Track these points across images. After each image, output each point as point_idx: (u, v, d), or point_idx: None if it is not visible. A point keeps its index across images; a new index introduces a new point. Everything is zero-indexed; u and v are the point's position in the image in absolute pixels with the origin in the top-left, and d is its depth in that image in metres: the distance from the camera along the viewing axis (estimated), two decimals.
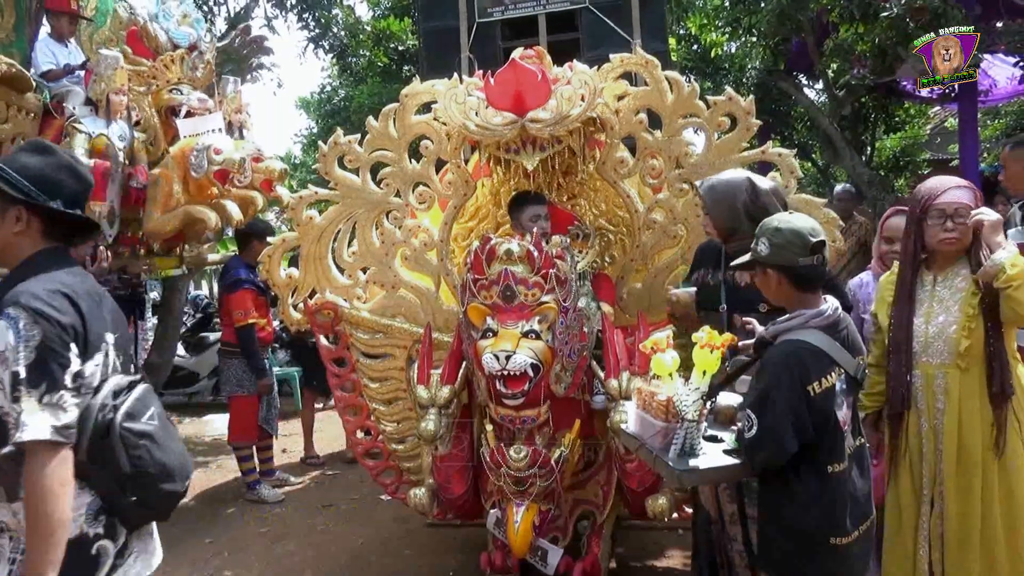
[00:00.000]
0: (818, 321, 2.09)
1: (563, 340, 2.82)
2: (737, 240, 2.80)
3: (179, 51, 5.00)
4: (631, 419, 2.32)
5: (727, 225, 2.78)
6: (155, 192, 4.68)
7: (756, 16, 9.52)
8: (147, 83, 4.83)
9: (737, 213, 2.72)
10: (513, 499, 2.90)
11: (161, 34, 5.02)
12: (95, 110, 4.50)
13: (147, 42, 4.97)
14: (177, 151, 4.75)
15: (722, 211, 2.77)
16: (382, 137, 3.59)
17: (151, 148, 4.88)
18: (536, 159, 3.14)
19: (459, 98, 3.22)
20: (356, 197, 3.65)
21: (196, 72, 5.03)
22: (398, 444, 3.70)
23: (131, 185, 4.60)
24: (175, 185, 4.67)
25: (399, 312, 3.69)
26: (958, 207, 2.50)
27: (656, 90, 3.38)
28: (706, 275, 2.94)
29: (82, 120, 4.40)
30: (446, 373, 3.08)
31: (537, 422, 2.86)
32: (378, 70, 12.49)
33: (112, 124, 4.49)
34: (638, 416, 2.28)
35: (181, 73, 4.98)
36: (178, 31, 5.10)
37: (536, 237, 2.86)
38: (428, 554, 4.04)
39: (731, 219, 2.75)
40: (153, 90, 4.88)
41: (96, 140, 4.38)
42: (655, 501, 3.00)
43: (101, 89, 4.44)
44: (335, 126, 4.04)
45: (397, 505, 3.99)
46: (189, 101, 4.92)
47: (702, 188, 2.84)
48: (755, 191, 2.73)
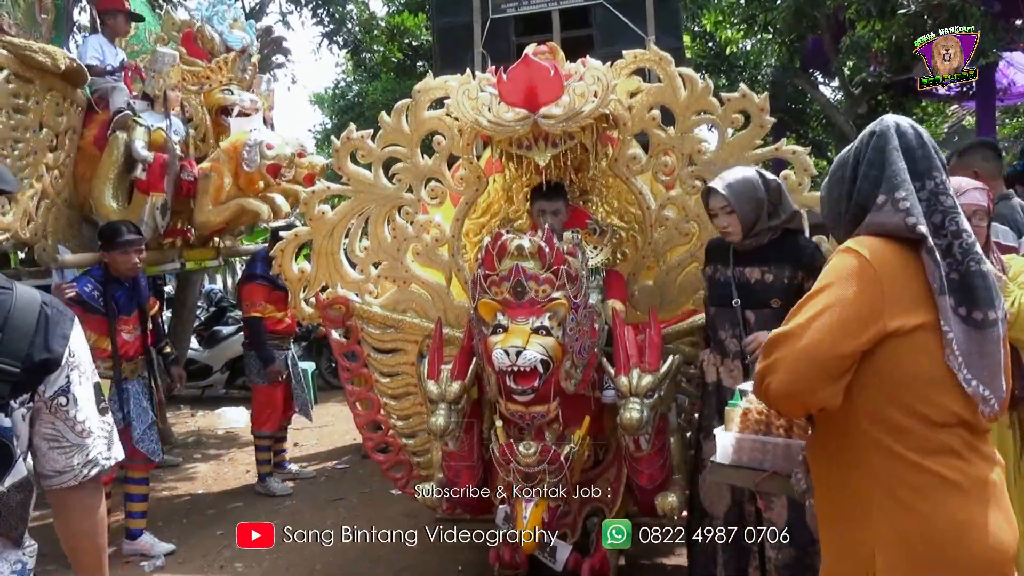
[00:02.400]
0: None
1: (573, 336, 2.81)
2: (753, 236, 2.83)
3: (232, 54, 5.12)
4: (729, 451, 1.90)
5: (750, 222, 2.82)
6: (207, 185, 4.79)
7: (772, 13, 9.46)
8: (201, 83, 4.97)
9: (761, 206, 2.81)
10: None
11: (216, 37, 5.17)
12: (151, 105, 4.65)
13: (202, 44, 5.11)
14: (228, 146, 4.87)
15: (750, 208, 2.81)
16: (395, 133, 3.60)
17: (200, 144, 5.03)
18: (548, 155, 3.13)
19: (471, 94, 3.22)
20: (368, 192, 3.66)
21: (244, 74, 5.20)
22: (408, 439, 3.71)
23: (183, 177, 4.72)
24: (226, 179, 4.79)
25: (410, 307, 3.70)
26: (976, 209, 2.49)
27: (669, 87, 3.37)
28: (715, 272, 2.97)
29: (141, 114, 4.54)
30: (456, 368, 3.08)
31: (547, 418, 2.86)
32: (392, 66, 12.51)
33: (168, 119, 4.64)
34: (750, 444, 1.88)
35: (232, 74, 5.13)
36: (231, 35, 5.28)
37: (547, 233, 2.86)
38: (437, 549, 4.04)
39: (755, 214, 2.81)
40: (205, 90, 5.01)
41: (155, 134, 4.52)
42: (665, 499, 3.00)
43: (160, 85, 4.60)
44: (349, 122, 4.06)
45: (407, 499, 4.00)
46: (242, 101, 5.07)
47: (722, 189, 2.82)
48: (767, 182, 2.85)
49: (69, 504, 1.47)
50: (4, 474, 1.33)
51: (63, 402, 1.41)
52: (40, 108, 4.00)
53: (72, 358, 1.43)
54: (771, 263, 2.85)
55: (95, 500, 1.49)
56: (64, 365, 1.41)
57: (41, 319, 1.39)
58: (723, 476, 1.97)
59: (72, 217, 4.46)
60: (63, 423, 1.42)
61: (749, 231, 2.83)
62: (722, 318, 2.98)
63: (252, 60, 5.29)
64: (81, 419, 1.44)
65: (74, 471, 1.43)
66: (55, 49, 4.03)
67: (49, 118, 4.09)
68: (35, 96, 3.97)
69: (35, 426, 1.41)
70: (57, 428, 1.42)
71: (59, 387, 1.41)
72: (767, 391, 1.48)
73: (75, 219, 4.49)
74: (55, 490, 1.45)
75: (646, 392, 2.79)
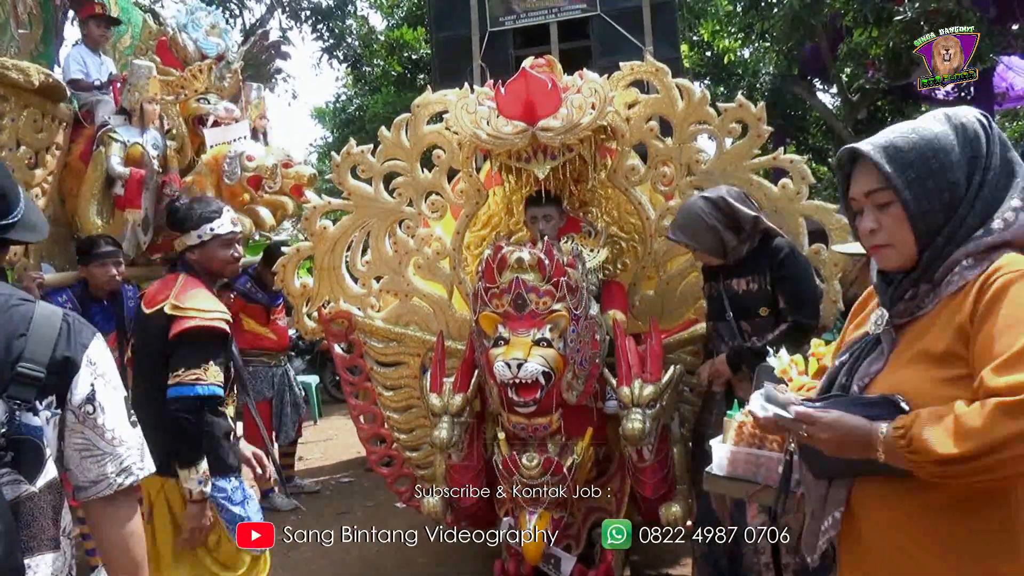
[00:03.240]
0: None
1: (575, 348, 2.83)
2: (732, 254, 2.89)
3: (207, 61, 5.01)
4: (724, 463, 1.86)
5: (717, 249, 2.91)
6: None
7: (769, 21, 9.52)
8: (176, 92, 4.87)
9: (717, 232, 2.87)
10: (526, 507, 2.90)
11: (190, 44, 5.03)
12: (128, 119, 4.52)
13: (176, 52, 5.00)
14: (210, 158, 4.79)
15: (708, 239, 2.89)
16: (395, 147, 3.62)
17: (179, 156, 4.91)
18: (547, 167, 3.16)
19: (470, 108, 3.24)
20: (369, 207, 3.68)
21: (223, 82, 5.06)
22: (412, 452, 3.72)
23: (165, 192, 4.61)
24: (208, 192, 4.70)
25: (412, 320, 3.71)
26: None
27: (667, 97, 3.39)
28: (711, 288, 3.05)
29: (117, 129, 4.43)
30: (459, 381, 3.09)
31: (549, 430, 2.87)
32: (392, 79, 12.60)
33: (146, 133, 4.53)
34: (744, 457, 1.84)
35: (209, 83, 5.01)
36: (207, 41, 5.12)
37: (547, 245, 2.88)
38: (442, 562, 4.05)
39: (717, 240, 2.89)
40: (181, 99, 4.92)
41: (132, 148, 4.40)
42: (669, 509, 3.01)
43: (135, 98, 4.46)
44: (350, 135, 4.09)
45: (411, 512, 4.01)
46: (216, 111, 4.95)
47: (674, 235, 2.97)
48: (714, 204, 2.88)
49: (105, 516, 1.49)
50: (36, 474, 1.38)
51: (90, 410, 1.45)
52: (16, 125, 3.90)
53: (95, 367, 1.47)
54: (752, 272, 2.92)
55: (131, 511, 1.52)
56: (88, 374, 1.45)
57: (63, 328, 1.45)
58: (718, 487, 1.92)
59: (59, 234, 4.28)
60: (92, 431, 1.45)
61: (724, 254, 2.90)
62: (720, 331, 3.03)
63: (232, 67, 5.12)
64: (110, 427, 1.47)
65: (108, 480, 1.46)
66: (28, 65, 3.89)
67: (27, 135, 3.98)
68: (11, 113, 3.86)
69: (66, 439, 1.45)
70: (87, 437, 1.45)
71: (86, 395, 1.44)
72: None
73: (62, 236, 4.33)
74: (91, 502, 1.48)
75: (648, 402, 2.80)
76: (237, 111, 5.08)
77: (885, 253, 1.40)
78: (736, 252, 2.91)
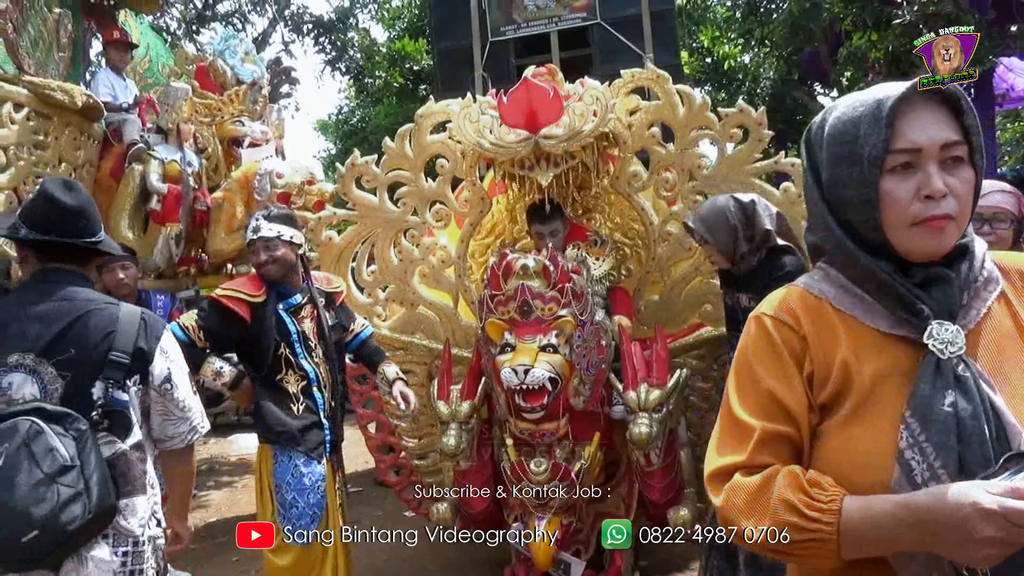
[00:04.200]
0: None
1: (581, 353, 2.84)
2: (740, 263, 2.85)
3: (243, 87, 5.27)
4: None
5: (729, 249, 2.84)
6: (219, 214, 4.91)
7: (768, 27, 9.56)
8: (213, 115, 5.11)
9: (735, 232, 2.80)
10: (535, 513, 2.91)
11: (228, 70, 5.29)
12: (165, 138, 4.82)
13: (214, 77, 5.24)
14: (240, 175, 5.01)
15: (723, 237, 2.83)
16: (398, 157, 3.65)
17: (213, 175, 5.17)
18: (550, 175, 3.18)
19: (473, 117, 3.27)
20: (374, 217, 3.71)
21: (256, 105, 5.36)
22: (420, 460, 3.74)
23: (196, 207, 4.85)
24: (238, 207, 4.90)
25: (419, 329, 3.74)
26: (996, 211, 2.48)
27: (668, 104, 3.42)
28: (726, 296, 3.03)
29: (155, 147, 4.71)
30: (466, 388, 3.11)
31: (557, 435, 2.88)
32: (394, 90, 12.66)
33: (182, 151, 4.78)
34: None
35: (243, 106, 5.27)
36: (243, 68, 5.43)
37: (552, 252, 2.90)
38: (452, 569, 4.05)
39: (731, 240, 2.82)
40: (217, 121, 5.14)
41: (169, 166, 4.68)
42: (677, 513, 3.00)
43: (172, 118, 4.76)
44: (353, 147, 4.14)
45: (420, 521, 4.02)
46: (252, 132, 5.22)
47: (693, 223, 2.91)
48: (741, 207, 2.83)
49: (176, 459, 2.10)
50: (126, 436, 1.88)
51: (168, 387, 1.97)
52: (59, 143, 4.14)
53: (167, 354, 1.98)
54: (755, 288, 2.79)
55: (190, 458, 2.15)
56: (163, 360, 1.96)
57: (141, 324, 1.94)
58: None
59: None
60: (170, 403, 1.98)
61: (734, 257, 2.86)
62: (733, 341, 2.99)
63: (263, 92, 5.44)
64: (182, 398, 2.00)
65: (181, 436, 2.04)
66: (72, 86, 4.18)
67: (67, 152, 4.23)
68: (54, 132, 4.10)
69: (153, 407, 1.97)
70: (167, 407, 1.98)
71: (164, 376, 1.96)
72: None
73: None
74: (166, 451, 2.05)
75: (655, 407, 2.81)
76: (270, 132, 5.33)
77: (948, 229, 1.07)
78: (745, 262, 2.84)
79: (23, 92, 3.87)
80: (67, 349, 1.82)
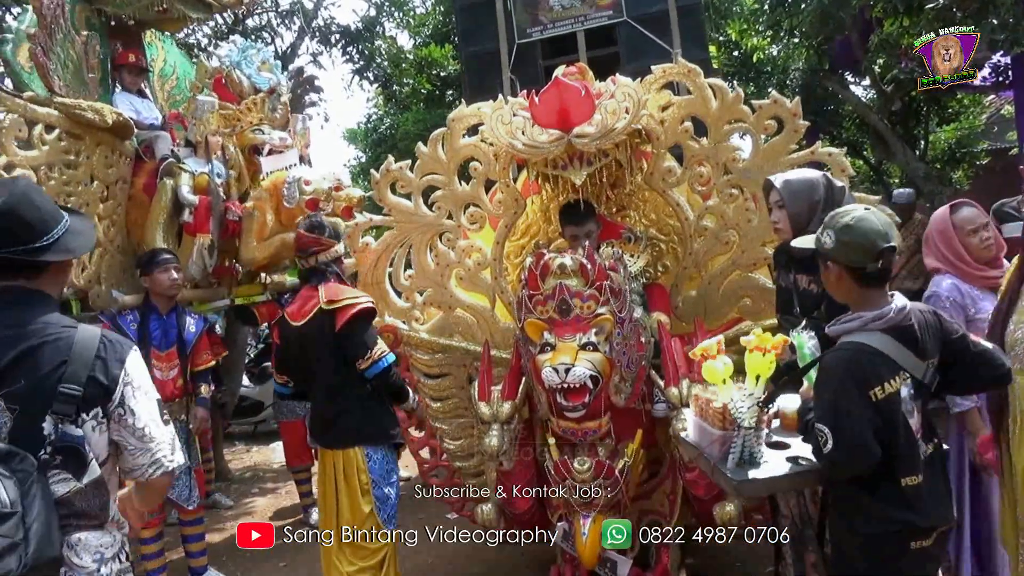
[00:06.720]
0: (879, 324, 1.97)
1: (620, 351, 2.84)
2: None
3: (260, 95, 5.33)
4: (690, 427, 2.31)
5: (801, 222, 2.71)
6: (250, 223, 4.98)
7: (797, 18, 9.44)
8: (232, 125, 5.19)
9: (815, 209, 2.68)
10: (580, 511, 2.91)
11: (244, 80, 5.38)
12: (194, 151, 4.88)
13: (232, 88, 5.33)
14: (270, 184, 5.07)
15: (801, 206, 2.72)
16: (432, 161, 3.68)
17: (237, 184, 5.23)
18: (584, 174, 3.18)
19: (505, 119, 3.29)
20: (410, 221, 3.74)
21: (275, 113, 5.39)
22: (462, 462, 3.75)
23: (227, 218, 4.93)
24: (268, 216, 4.99)
25: (457, 331, 3.76)
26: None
27: (700, 98, 3.40)
28: (778, 276, 2.94)
29: (185, 161, 4.78)
30: (506, 389, 3.12)
31: (599, 433, 2.88)
32: (422, 97, 12.73)
33: (210, 163, 4.86)
34: (696, 424, 2.26)
35: (262, 114, 5.32)
36: (259, 76, 5.47)
37: (589, 250, 2.90)
38: (497, 570, 4.07)
39: (807, 215, 2.70)
40: (238, 131, 5.23)
41: (199, 178, 4.73)
42: (723, 508, 2.97)
43: (201, 131, 4.84)
44: (383, 155, 4.18)
45: (464, 523, 4.04)
46: (271, 140, 5.26)
47: (778, 183, 2.78)
48: (832, 188, 2.72)
49: (137, 489, 1.90)
50: (82, 474, 1.71)
51: (121, 412, 1.76)
52: (90, 162, 4.23)
53: (127, 376, 1.77)
54: (817, 272, 2.79)
55: (150, 497, 1.92)
56: (122, 385, 1.75)
57: (100, 349, 1.74)
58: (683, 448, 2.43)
59: (125, 263, 4.65)
60: (125, 430, 1.77)
61: (800, 232, 2.77)
62: (786, 324, 2.93)
63: (282, 100, 5.47)
64: (140, 426, 1.78)
65: (141, 469, 1.80)
66: (102, 106, 4.26)
67: (99, 171, 4.31)
68: (85, 151, 4.19)
69: (111, 435, 1.77)
70: (122, 435, 1.78)
71: (117, 401, 1.75)
72: None
73: (128, 264, 4.69)
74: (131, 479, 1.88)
75: None
76: (290, 139, 5.39)
77: None
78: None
79: (54, 113, 3.96)
80: (17, 380, 1.64)
